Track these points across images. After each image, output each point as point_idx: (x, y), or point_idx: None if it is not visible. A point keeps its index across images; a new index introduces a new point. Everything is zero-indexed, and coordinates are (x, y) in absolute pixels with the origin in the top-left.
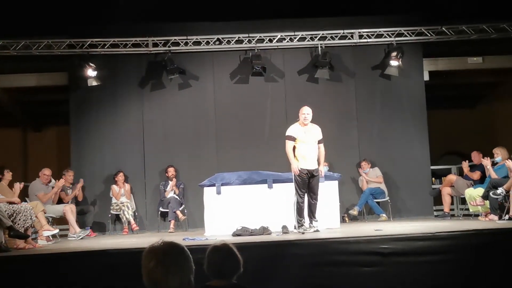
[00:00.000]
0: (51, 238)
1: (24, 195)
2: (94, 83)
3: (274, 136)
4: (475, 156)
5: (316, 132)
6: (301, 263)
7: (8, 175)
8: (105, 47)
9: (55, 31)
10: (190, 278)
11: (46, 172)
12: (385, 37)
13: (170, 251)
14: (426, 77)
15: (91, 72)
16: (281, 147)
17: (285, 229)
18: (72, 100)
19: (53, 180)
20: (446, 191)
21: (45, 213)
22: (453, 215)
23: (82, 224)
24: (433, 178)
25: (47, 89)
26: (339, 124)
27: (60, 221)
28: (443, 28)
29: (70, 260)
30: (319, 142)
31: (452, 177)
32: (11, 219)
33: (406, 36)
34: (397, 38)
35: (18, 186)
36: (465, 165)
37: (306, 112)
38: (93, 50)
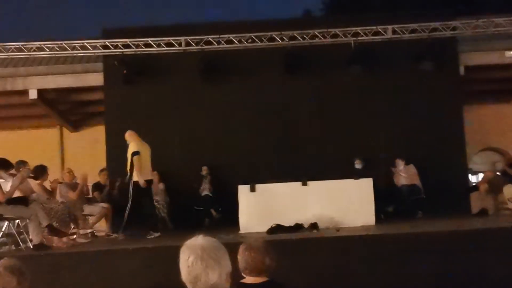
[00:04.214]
0: (89, 236)
1: None
2: (129, 83)
3: (305, 132)
4: None
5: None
6: (336, 260)
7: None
8: (139, 47)
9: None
10: (228, 274)
11: (68, 171)
12: (419, 32)
13: (209, 246)
14: (461, 71)
15: (125, 72)
16: (313, 147)
17: (314, 227)
18: (107, 100)
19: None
20: (483, 188)
21: (83, 211)
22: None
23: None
24: (470, 175)
25: (83, 89)
26: (373, 120)
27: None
28: (479, 22)
29: (108, 257)
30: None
31: (489, 174)
32: (50, 217)
33: (441, 31)
34: (431, 33)
35: (58, 187)
36: (503, 161)
37: None
38: (127, 50)
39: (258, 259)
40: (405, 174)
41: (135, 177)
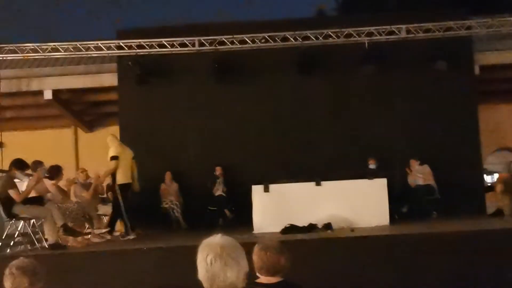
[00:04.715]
0: (104, 236)
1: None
2: (143, 84)
3: (319, 132)
4: None
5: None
6: (350, 260)
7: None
8: (153, 48)
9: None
10: (245, 274)
11: (82, 171)
12: (434, 31)
13: (228, 245)
14: (476, 71)
15: (139, 73)
16: (326, 147)
17: (328, 227)
18: (122, 100)
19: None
20: (499, 188)
21: (97, 211)
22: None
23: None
24: (485, 175)
25: (97, 90)
26: (387, 120)
27: None
28: (494, 21)
29: (123, 257)
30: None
31: (505, 174)
32: (65, 217)
33: (455, 30)
34: (446, 33)
35: (72, 187)
36: None
37: None
38: (141, 50)
39: (273, 258)
40: (419, 174)
41: (118, 180)
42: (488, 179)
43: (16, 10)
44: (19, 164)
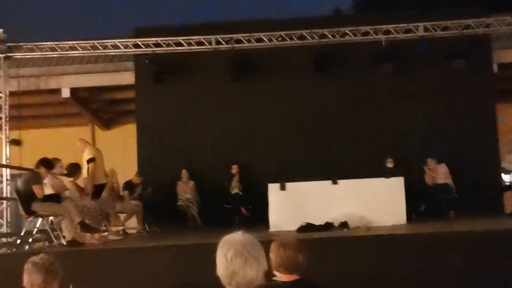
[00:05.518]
0: (121, 233)
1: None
2: (160, 82)
3: (336, 131)
4: None
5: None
6: (366, 259)
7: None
8: (170, 46)
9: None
10: (264, 272)
11: None
12: (452, 29)
13: (248, 243)
14: (495, 69)
15: (156, 71)
16: (343, 145)
17: (345, 226)
18: (139, 98)
19: None
20: None
21: (114, 209)
22: None
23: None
24: (503, 174)
25: (114, 88)
26: (405, 119)
27: None
28: None
29: (140, 254)
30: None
31: None
32: (82, 214)
33: (474, 28)
34: (464, 31)
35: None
36: None
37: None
38: (158, 49)
39: (291, 256)
40: (436, 173)
41: (95, 181)
42: (506, 178)
43: (32, 8)
44: (46, 164)
